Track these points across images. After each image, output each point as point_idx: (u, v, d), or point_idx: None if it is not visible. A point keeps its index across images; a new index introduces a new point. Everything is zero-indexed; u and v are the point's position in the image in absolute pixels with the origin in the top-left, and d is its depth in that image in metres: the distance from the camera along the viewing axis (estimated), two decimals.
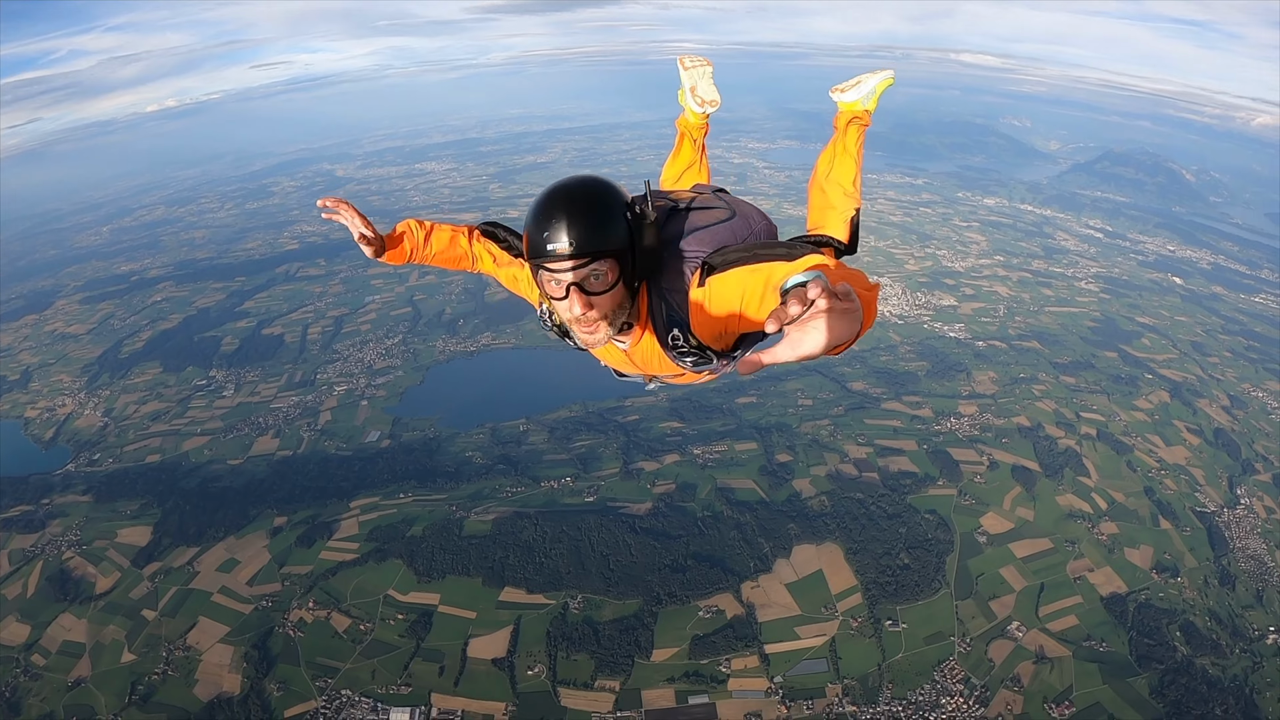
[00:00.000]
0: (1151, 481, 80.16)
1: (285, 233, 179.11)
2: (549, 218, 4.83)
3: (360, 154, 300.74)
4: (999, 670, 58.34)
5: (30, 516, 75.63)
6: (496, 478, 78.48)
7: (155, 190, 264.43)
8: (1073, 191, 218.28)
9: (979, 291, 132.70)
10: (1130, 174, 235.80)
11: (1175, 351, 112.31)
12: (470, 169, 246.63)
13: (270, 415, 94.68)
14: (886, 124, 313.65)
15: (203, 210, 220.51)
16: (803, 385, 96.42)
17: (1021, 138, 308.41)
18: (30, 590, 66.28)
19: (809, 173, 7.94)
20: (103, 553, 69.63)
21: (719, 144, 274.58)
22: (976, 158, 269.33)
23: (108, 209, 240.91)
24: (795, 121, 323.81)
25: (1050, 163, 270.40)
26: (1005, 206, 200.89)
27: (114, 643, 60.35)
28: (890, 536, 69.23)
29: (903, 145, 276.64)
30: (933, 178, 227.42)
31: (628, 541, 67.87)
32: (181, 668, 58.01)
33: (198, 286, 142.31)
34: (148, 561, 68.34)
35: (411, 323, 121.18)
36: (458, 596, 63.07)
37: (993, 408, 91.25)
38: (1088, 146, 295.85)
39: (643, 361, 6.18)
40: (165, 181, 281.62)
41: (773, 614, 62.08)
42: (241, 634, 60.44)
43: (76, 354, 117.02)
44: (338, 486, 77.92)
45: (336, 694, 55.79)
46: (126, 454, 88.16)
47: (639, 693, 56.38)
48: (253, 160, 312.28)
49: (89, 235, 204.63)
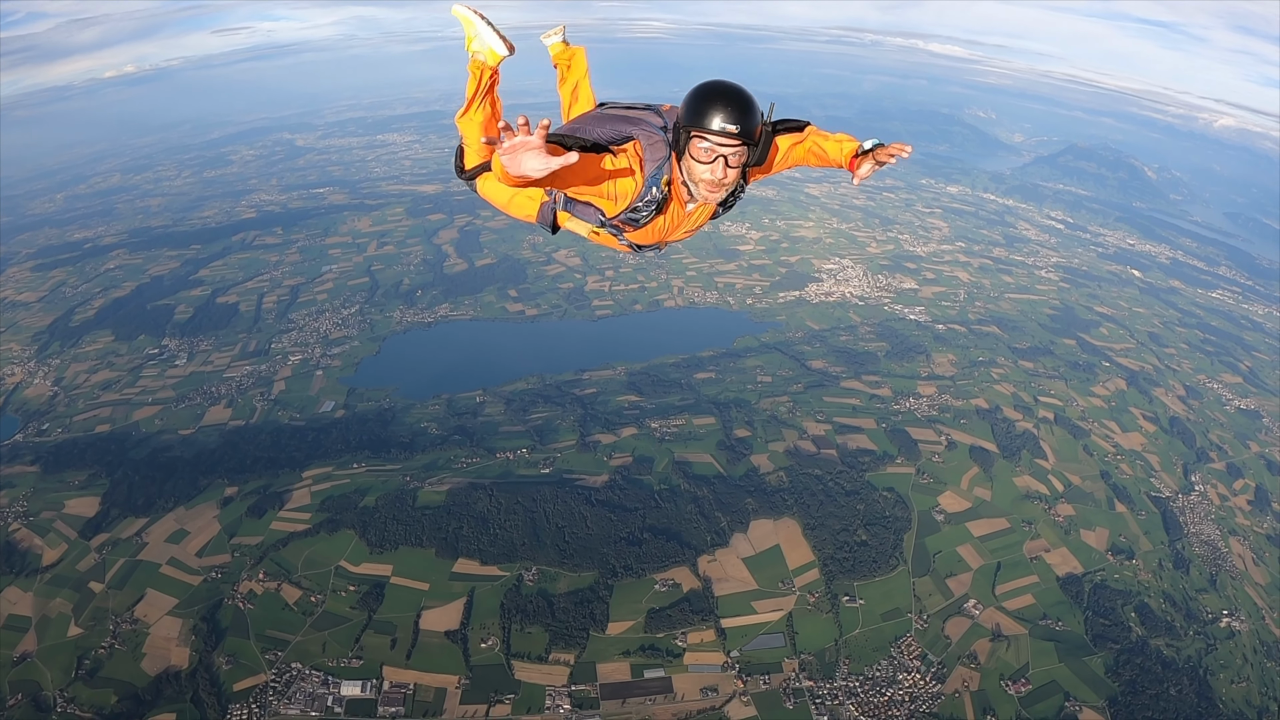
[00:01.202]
0: (1108, 466, 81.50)
1: (243, 201, 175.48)
2: (726, 104, 6.58)
3: (321, 124, 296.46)
4: (956, 647, 59.03)
5: None
6: (451, 448, 77.79)
7: (111, 157, 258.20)
8: (1035, 183, 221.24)
9: (940, 276, 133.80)
10: (1093, 168, 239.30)
11: (1133, 341, 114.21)
12: (433, 140, 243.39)
13: (223, 385, 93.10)
14: (853, 109, 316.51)
15: (159, 178, 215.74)
16: (762, 362, 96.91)
17: (986, 129, 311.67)
18: None
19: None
20: (50, 524, 67.78)
21: None
22: (941, 146, 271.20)
23: (62, 176, 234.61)
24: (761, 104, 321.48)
25: (1014, 154, 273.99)
26: (968, 195, 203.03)
27: (60, 616, 58.92)
28: (848, 513, 69.46)
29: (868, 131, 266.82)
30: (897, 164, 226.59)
31: (583, 514, 67.55)
32: (129, 641, 56.80)
33: (152, 254, 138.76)
34: (95, 533, 66.77)
35: (369, 293, 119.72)
36: (410, 568, 62.35)
37: (951, 389, 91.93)
38: (1051, 140, 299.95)
39: (691, 223, 7.99)
40: (122, 149, 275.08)
41: (729, 588, 62.10)
42: (190, 606, 59.30)
43: (27, 322, 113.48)
44: (290, 456, 76.68)
45: (286, 667, 55.03)
46: (76, 424, 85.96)
47: (594, 666, 56.22)
48: (211, 128, 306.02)
49: (42, 202, 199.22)
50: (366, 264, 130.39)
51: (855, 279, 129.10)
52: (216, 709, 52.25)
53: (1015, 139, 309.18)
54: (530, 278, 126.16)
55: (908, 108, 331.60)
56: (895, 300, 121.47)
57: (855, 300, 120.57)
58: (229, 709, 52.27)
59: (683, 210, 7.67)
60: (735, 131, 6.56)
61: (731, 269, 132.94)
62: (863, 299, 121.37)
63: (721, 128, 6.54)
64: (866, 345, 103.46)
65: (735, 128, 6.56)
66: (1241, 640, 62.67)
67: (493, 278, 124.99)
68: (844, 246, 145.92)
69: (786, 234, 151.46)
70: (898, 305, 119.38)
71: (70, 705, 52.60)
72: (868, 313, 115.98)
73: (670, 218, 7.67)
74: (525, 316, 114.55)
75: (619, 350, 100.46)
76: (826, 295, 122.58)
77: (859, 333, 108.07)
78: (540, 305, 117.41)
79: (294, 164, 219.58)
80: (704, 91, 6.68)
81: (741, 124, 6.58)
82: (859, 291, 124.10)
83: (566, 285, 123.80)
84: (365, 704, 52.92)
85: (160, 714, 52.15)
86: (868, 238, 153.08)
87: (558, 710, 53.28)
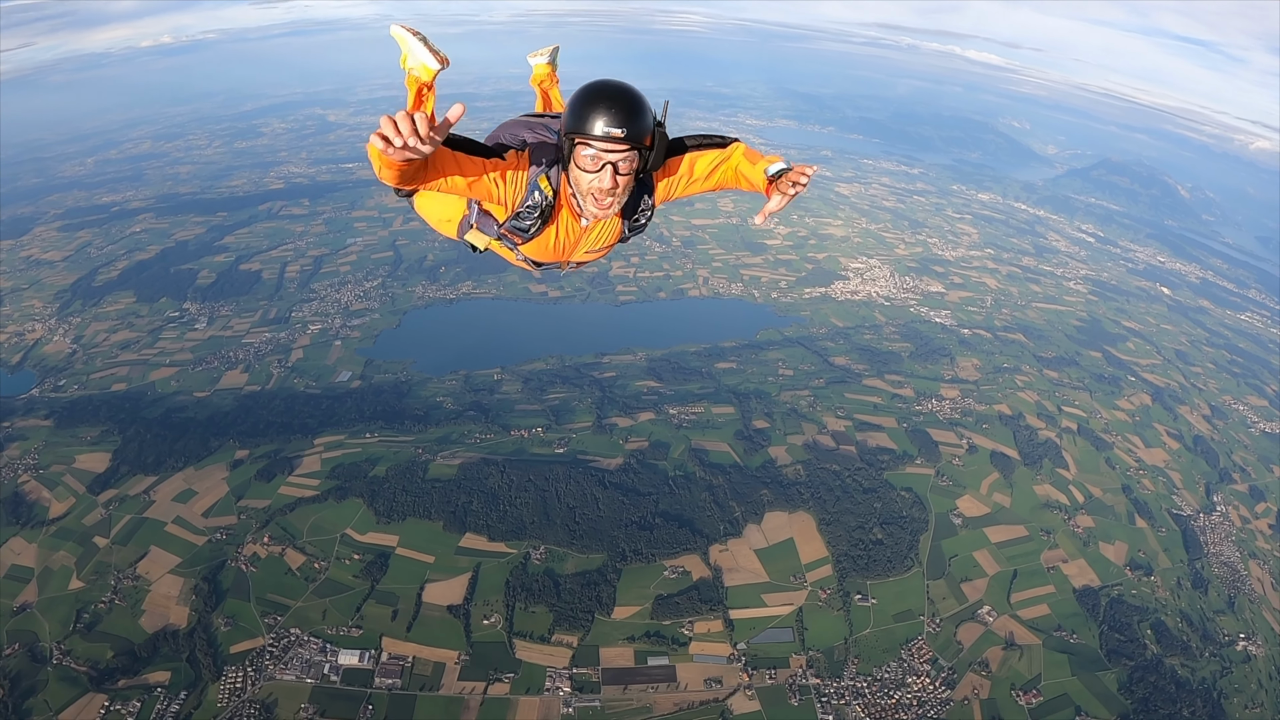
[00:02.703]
0: (1130, 480, 79.77)
1: (271, 172, 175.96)
2: (611, 105, 6.03)
3: (354, 101, 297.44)
4: (968, 653, 57.71)
5: None
6: (466, 423, 77.13)
7: (144, 125, 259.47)
8: (1067, 195, 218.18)
9: (967, 281, 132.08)
10: (1125, 184, 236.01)
11: (1159, 358, 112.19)
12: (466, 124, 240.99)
13: (241, 350, 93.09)
14: (886, 112, 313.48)
15: (190, 146, 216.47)
16: (784, 355, 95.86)
17: (1019, 138, 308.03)
18: None
19: (804, 152, 7.81)
20: (59, 478, 67.75)
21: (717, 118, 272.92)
22: (973, 153, 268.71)
23: (94, 140, 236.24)
24: (794, 102, 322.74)
25: (1046, 165, 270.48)
26: (999, 203, 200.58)
27: (63, 569, 58.83)
28: (865, 510, 68.23)
29: (901, 134, 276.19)
30: (928, 168, 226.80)
31: (595, 495, 66.67)
32: (129, 597, 56.58)
33: (178, 219, 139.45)
34: (103, 488, 66.62)
35: (392, 267, 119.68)
36: (417, 539, 61.75)
37: (975, 393, 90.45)
38: (1084, 153, 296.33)
39: (594, 241, 7.46)
40: (155, 117, 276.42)
41: (740, 579, 61.06)
42: (193, 566, 58.99)
43: (50, 280, 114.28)
44: (303, 423, 76.29)
45: (285, 632, 54.56)
46: (92, 381, 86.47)
47: (597, 650, 55.35)
48: (244, 100, 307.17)
49: (73, 165, 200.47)
50: (392, 238, 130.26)
51: (882, 279, 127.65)
52: (212, 670, 51.88)
53: (1048, 150, 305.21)
54: None
55: (941, 113, 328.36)
56: (921, 302, 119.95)
57: (881, 300, 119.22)
58: (224, 670, 51.91)
59: (577, 225, 7.20)
60: (621, 135, 6.03)
61: (758, 262, 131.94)
62: (888, 299, 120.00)
63: (606, 132, 6.02)
64: (890, 345, 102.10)
65: (621, 131, 6.03)
66: (1257, 665, 60.98)
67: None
68: (872, 247, 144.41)
69: (815, 231, 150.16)
70: (923, 307, 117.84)
71: (66, 658, 52.44)
72: (893, 313, 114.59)
73: (564, 232, 7.24)
74: (548, 298, 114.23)
75: (640, 336, 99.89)
76: (852, 293, 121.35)
77: (883, 332, 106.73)
78: (564, 287, 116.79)
79: (324, 139, 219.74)
80: (586, 93, 6.17)
81: (628, 127, 6.05)
82: (885, 292, 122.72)
83: (591, 269, 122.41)
84: (362, 674, 52.38)
85: (155, 671, 51.85)
86: (896, 239, 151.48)
87: (557, 692, 52.44)
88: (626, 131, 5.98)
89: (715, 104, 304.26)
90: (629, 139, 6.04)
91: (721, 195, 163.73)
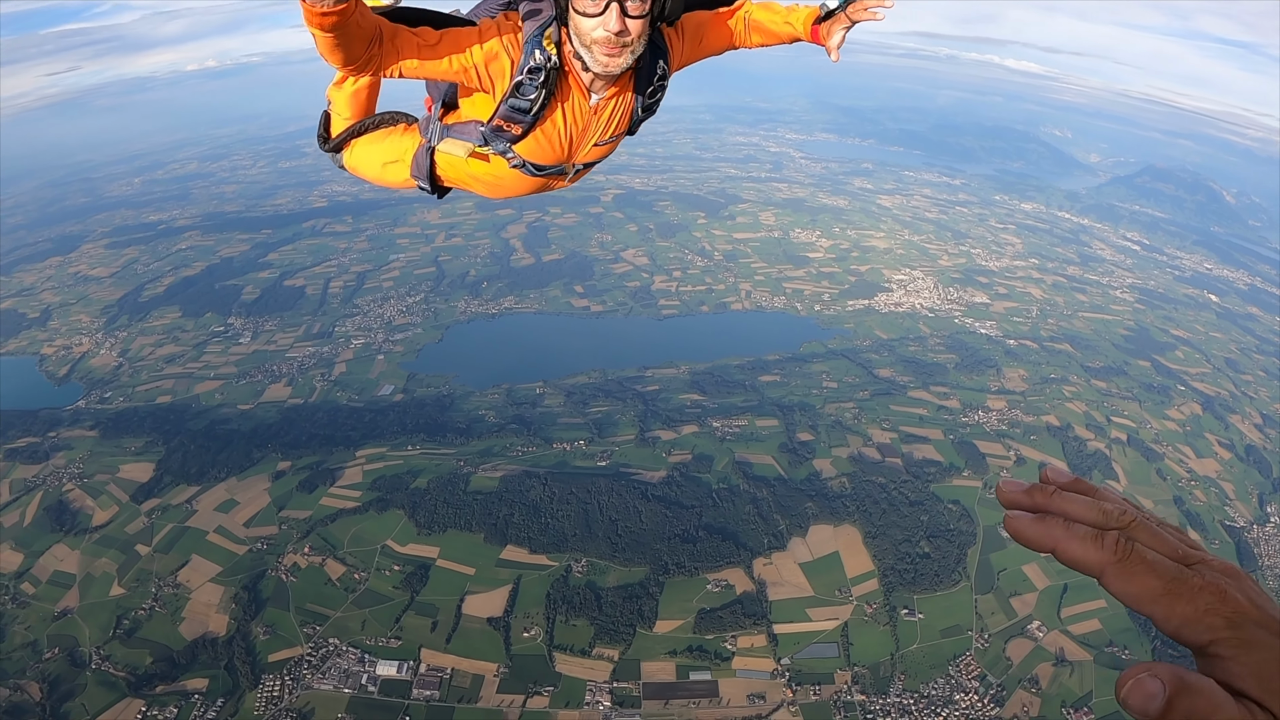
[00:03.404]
0: (1181, 491, 77.55)
1: (315, 191, 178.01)
2: None
3: None
4: (1017, 670, 55.97)
5: (35, 448, 74.92)
6: (508, 436, 77.07)
7: (190, 146, 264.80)
8: (1111, 203, 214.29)
9: (1012, 291, 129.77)
10: (1170, 190, 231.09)
11: (1208, 366, 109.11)
12: None
13: (285, 364, 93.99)
14: (926, 124, 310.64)
15: (235, 166, 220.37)
16: (828, 368, 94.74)
17: (1062, 147, 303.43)
18: (27, 519, 65.59)
19: (845, 165, 6.88)
20: (103, 486, 68.83)
21: (758, 132, 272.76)
22: (1015, 163, 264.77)
23: (141, 161, 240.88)
24: (834, 115, 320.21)
25: (1090, 174, 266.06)
26: (1042, 212, 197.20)
27: (104, 575, 59.51)
28: (911, 523, 66.91)
29: (942, 145, 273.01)
30: (970, 179, 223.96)
31: (638, 508, 66.04)
32: (169, 605, 57.02)
33: (224, 237, 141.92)
34: (147, 497, 67.51)
35: (434, 282, 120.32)
36: (457, 551, 61.58)
37: (1022, 404, 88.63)
38: (1128, 160, 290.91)
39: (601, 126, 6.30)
40: (201, 138, 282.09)
41: (784, 593, 59.97)
42: (233, 575, 59.36)
43: (98, 295, 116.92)
44: (345, 435, 76.73)
45: (324, 642, 54.55)
46: (138, 394, 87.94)
47: (638, 664, 54.52)
48: (289, 122, 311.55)
49: (120, 185, 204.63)
50: (434, 254, 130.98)
51: (926, 290, 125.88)
52: (249, 678, 51.91)
53: (1091, 159, 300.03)
54: (597, 274, 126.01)
55: (982, 123, 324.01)
56: (966, 313, 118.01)
57: (925, 311, 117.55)
58: (262, 679, 51.88)
59: (585, 102, 6.04)
60: None
61: (800, 275, 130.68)
62: (933, 311, 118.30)
63: None
64: (935, 356, 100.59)
65: None
66: None
67: (559, 273, 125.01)
68: (915, 258, 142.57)
69: (857, 243, 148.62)
70: (968, 318, 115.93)
71: (105, 663, 52.82)
72: (937, 324, 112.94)
73: (572, 114, 6.08)
74: (590, 312, 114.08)
75: (683, 350, 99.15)
76: (896, 305, 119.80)
77: (928, 344, 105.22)
78: (606, 302, 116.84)
79: None
80: None
81: None
82: (929, 303, 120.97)
83: (633, 284, 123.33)
84: (400, 685, 51.98)
85: (193, 678, 52.01)
86: (939, 250, 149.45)
87: (597, 706, 51.60)
88: None
89: (755, 118, 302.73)
90: None
91: (764, 207, 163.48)
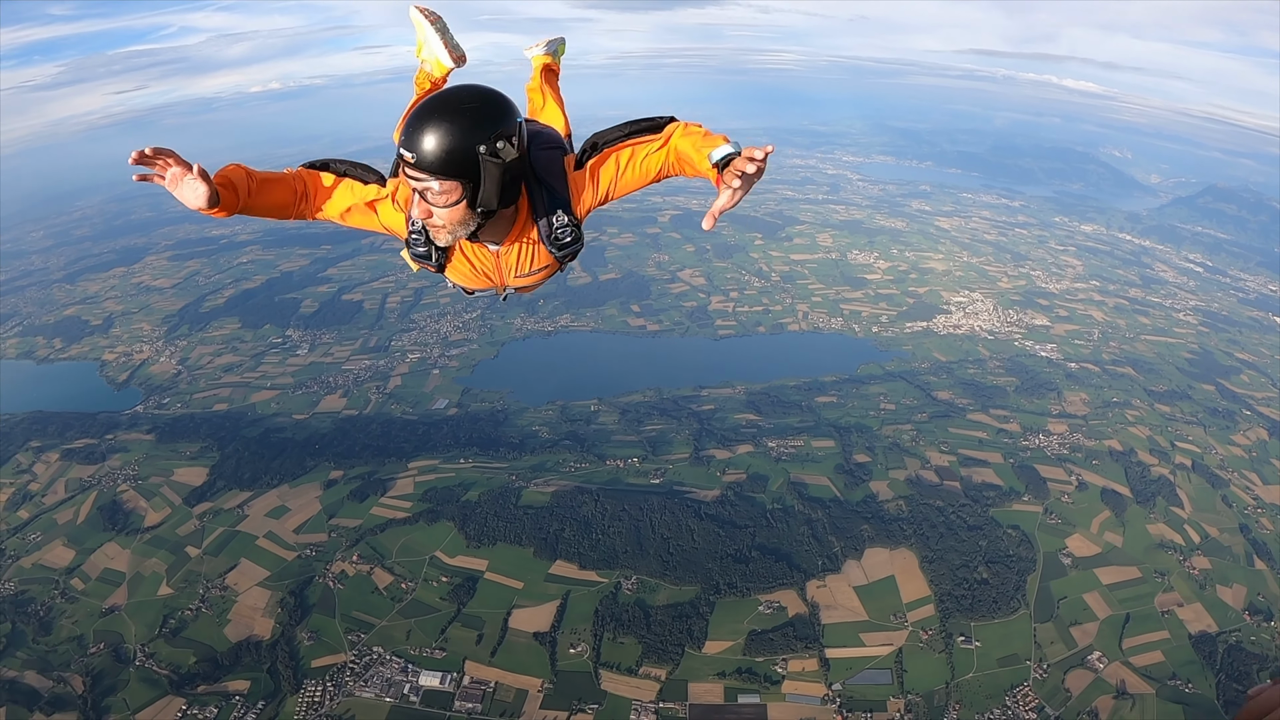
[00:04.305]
0: (1247, 519, 74.30)
1: None
2: (413, 122, 4.99)
3: None
4: (1076, 702, 53.89)
5: (92, 450, 76.80)
6: (561, 452, 77.00)
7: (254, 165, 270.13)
8: (1173, 224, 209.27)
9: (1073, 314, 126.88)
10: (1233, 210, 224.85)
11: (1275, 390, 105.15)
12: None
13: (341, 376, 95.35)
14: (984, 145, 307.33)
15: None
16: (885, 390, 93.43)
17: (1122, 168, 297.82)
18: (81, 518, 67.23)
19: (902, 187, 6.28)
20: (157, 489, 70.37)
21: (814, 154, 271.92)
22: (1075, 185, 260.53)
23: None
24: (892, 138, 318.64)
25: (1150, 195, 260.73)
26: (1103, 234, 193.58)
27: (153, 575, 60.75)
28: (969, 548, 65.13)
29: (1000, 167, 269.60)
30: (1029, 201, 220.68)
31: (691, 526, 65.23)
32: (216, 606, 57.87)
33: (284, 251, 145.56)
34: (199, 501, 68.80)
35: (491, 299, 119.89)
36: (506, 565, 61.34)
37: (1083, 428, 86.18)
38: (1189, 181, 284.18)
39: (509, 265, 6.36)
40: (264, 157, 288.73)
41: (837, 616, 58.66)
42: (281, 580, 60.05)
43: (159, 305, 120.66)
44: (398, 447, 77.21)
45: (368, 650, 54.67)
46: (195, 401, 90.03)
47: (685, 685, 53.56)
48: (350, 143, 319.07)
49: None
50: None
51: (985, 313, 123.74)
52: (292, 682, 52.25)
53: (1152, 179, 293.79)
54: (654, 294, 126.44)
55: (1040, 145, 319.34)
56: (1026, 336, 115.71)
57: (984, 334, 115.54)
58: (304, 684, 52.18)
59: (487, 250, 6.18)
60: (411, 160, 5.01)
61: (858, 297, 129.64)
62: (992, 333, 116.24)
63: (401, 153, 5.07)
64: (995, 379, 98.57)
65: (411, 155, 5.00)
66: None
67: (616, 292, 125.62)
68: (974, 280, 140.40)
69: (915, 265, 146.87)
70: (1028, 341, 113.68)
71: (149, 660, 53.76)
72: (997, 347, 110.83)
73: (477, 259, 6.28)
74: (646, 331, 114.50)
75: (739, 370, 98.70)
76: (955, 327, 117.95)
77: (988, 366, 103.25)
78: (662, 321, 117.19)
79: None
80: (417, 104, 5.24)
81: (419, 153, 4.97)
82: (988, 325, 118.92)
83: (690, 303, 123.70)
84: (442, 696, 51.81)
85: (235, 680, 52.57)
86: (999, 272, 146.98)
87: None
88: (416, 158, 4.97)
89: (812, 141, 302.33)
90: (420, 167, 5.00)
91: (821, 229, 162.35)
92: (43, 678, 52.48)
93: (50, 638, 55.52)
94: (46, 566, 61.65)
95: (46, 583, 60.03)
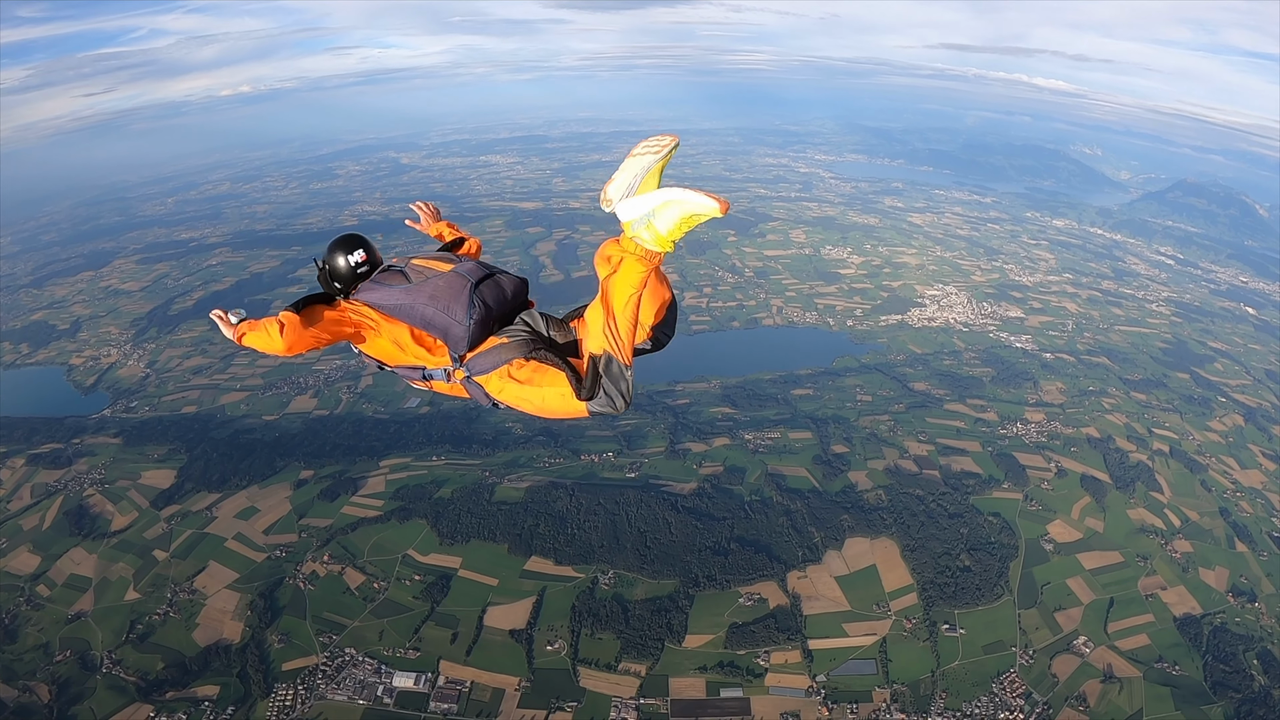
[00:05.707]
0: (1227, 503, 74.85)
1: (346, 211, 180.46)
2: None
3: (427, 145, 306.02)
4: (1063, 687, 53.61)
5: (59, 454, 75.08)
6: (535, 448, 75.95)
7: (223, 168, 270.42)
8: (1144, 219, 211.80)
9: (1047, 306, 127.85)
10: (1203, 205, 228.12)
11: (1249, 378, 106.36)
12: (535, 163, 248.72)
13: (311, 376, 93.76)
14: (956, 143, 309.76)
15: (268, 188, 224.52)
16: (862, 382, 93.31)
17: (1092, 165, 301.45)
18: (47, 523, 65.57)
19: (875, 185, 5.21)
20: (124, 492, 68.83)
21: (786, 154, 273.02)
22: (1046, 181, 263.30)
23: (174, 183, 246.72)
24: (864, 137, 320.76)
25: (1121, 190, 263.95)
26: (1074, 228, 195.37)
27: (120, 580, 59.35)
28: (951, 536, 64.72)
29: (972, 165, 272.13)
30: (1001, 197, 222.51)
31: (668, 520, 64.37)
32: (184, 610, 56.63)
33: (254, 253, 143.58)
34: (167, 504, 67.34)
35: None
36: (480, 562, 60.30)
37: (1061, 417, 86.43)
38: (1159, 177, 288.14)
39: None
40: (234, 161, 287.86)
41: (819, 607, 58.06)
42: (250, 582, 58.85)
43: (128, 308, 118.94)
44: (370, 446, 76.02)
45: (340, 651, 53.62)
46: (164, 403, 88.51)
47: (666, 680, 52.80)
48: (321, 145, 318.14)
49: (154, 205, 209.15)
50: None
51: (959, 306, 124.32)
52: (262, 686, 51.24)
53: (1122, 176, 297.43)
54: None
55: (1011, 143, 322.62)
56: (1001, 328, 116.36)
57: (959, 326, 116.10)
58: (275, 687, 51.16)
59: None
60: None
61: (832, 291, 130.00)
62: (967, 325, 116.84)
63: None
64: (971, 370, 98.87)
65: None
66: None
67: (589, 289, 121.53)
68: (948, 274, 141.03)
69: (889, 260, 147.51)
70: (1003, 333, 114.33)
71: (116, 667, 52.63)
72: (972, 339, 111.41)
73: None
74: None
75: (714, 364, 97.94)
76: (929, 320, 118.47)
77: (963, 358, 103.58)
78: None
79: (398, 179, 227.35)
80: None
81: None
82: (963, 318, 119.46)
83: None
84: (417, 697, 50.90)
85: (204, 685, 51.55)
86: (972, 266, 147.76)
87: None
88: None
89: (784, 140, 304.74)
90: None
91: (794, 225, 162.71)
92: (8, 687, 51.20)
93: (15, 646, 54.17)
94: (11, 573, 60.12)
95: (12, 590, 58.55)
